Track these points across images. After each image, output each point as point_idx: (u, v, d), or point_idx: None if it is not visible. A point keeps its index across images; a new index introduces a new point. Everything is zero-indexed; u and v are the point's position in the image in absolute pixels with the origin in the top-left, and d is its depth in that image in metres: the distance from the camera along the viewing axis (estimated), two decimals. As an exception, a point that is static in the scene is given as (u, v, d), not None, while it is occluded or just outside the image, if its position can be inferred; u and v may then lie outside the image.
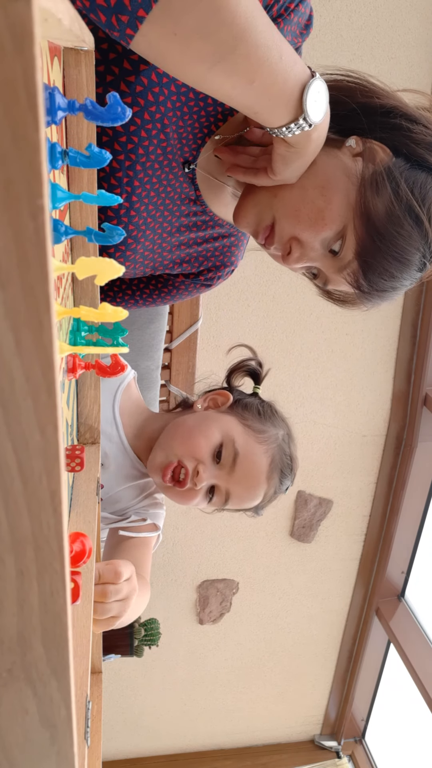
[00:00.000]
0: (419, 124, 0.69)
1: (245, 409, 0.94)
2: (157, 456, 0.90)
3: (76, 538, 0.50)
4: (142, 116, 0.68)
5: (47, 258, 0.19)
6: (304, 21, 0.69)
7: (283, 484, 0.94)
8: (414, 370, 2.18)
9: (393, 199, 0.68)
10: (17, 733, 0.30)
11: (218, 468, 0.88)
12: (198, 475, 0.86)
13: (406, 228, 0.68)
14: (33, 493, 0.23)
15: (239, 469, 0.88)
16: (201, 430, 0.88)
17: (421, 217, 0.68)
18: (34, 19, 0.17)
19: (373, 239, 0.69)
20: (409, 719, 2.61)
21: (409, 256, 0.70)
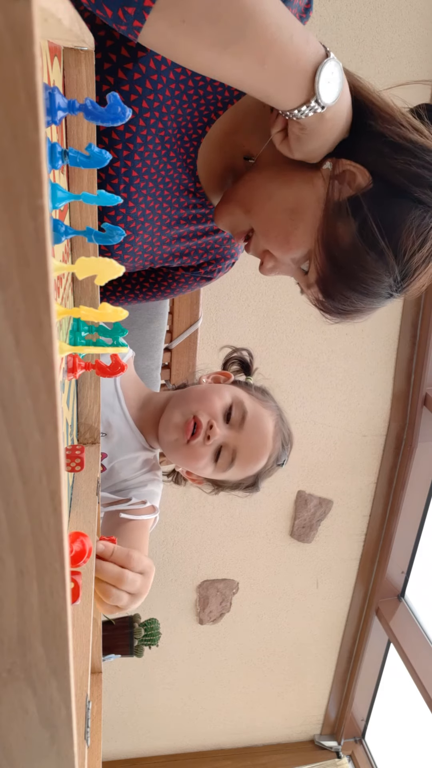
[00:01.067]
0: (405, 153, 0.64)
1: (245, 386, 1.01)
2: (173, 415, 0.94)
3: (76, 537, 0.50)
4: (140, 104, 0.67)
5: (47, 258, 0.19)
6: (304, 4, 0.68)
7: (283, 453, 0.99)
8: (414, 370, 2.18)
9: (358, 230, 0.66)
10: (17, 733, 0.30)
11: (228, 427, 0.92)
12: (212, 429, 0.90)
13: (369, 262, 0.66)
14: (33, 493, 0.23)
15: (248, 427, 0.92)
16: (213, 391, 0.94)
17: (385, 252, 0.66)
18: (34, 20, 0.17)
19: (333, 270, 0.69)
20: (409, 719, 2.61)
21: (373, 288, 0.68)
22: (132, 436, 0.99)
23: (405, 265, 0.67)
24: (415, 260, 0.66)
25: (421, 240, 0.65)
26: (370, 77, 1.99)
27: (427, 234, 0.65)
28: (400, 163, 0.64)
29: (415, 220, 0.65)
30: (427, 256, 0.67)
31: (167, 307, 1.28)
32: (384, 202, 0.66)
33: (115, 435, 0.98)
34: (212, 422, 0.90)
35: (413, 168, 0.63)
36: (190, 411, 0.92)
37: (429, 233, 0.65)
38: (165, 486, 1.08)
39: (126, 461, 1.00)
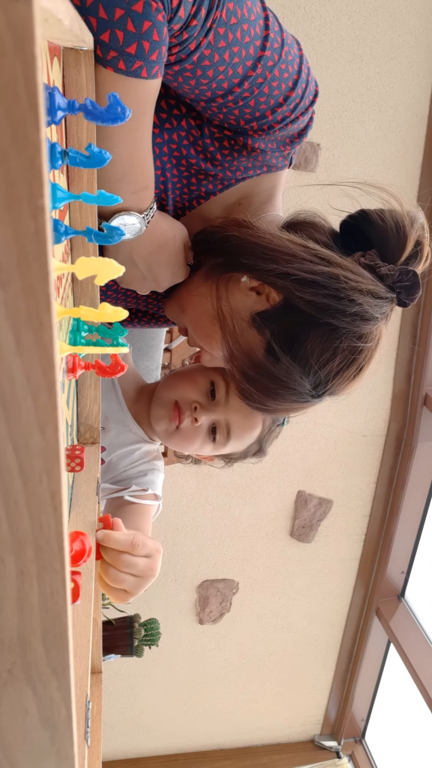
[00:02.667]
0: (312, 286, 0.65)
1: None
2: (157, 405, 0.95)
3: (76, 537, 0.50)
4: None
5: (47, 258, 0.19)
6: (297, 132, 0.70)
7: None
8: (414, 370, 2.18)
9: (266, 343, 0.69)
10: (17, 733, 0.30)
11: (214, 404, 0.92)
12: (196, 411, 0.91)
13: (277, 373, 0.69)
14: (33, 493, 0.23)
15: (233, 398, 0.92)
16: (190, 373, 0.94)
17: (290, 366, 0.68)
18: (35, 19, 0.17)
19: (245, 379, 0.72)
20: (409, 719, 2.61)
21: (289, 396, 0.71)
22: (130, 429, 1.00)
23: (314, 377, 0.69)
24: (324, 374, 0.69)
25: (327, 356, 0.68)
26: (370, 77, 2.00)
27: (334, 350, 0.68)
28: (308, 295, 0.65)
29: (320, 338, 0.67)
30: (339, 370, 0.69)
31: (167, 307, 1.28)
32: (289, 320, 0.68)
33: (112, 428, 0.99)
34: (195, 404, 0.91)
35: (321, 299, 0.65)
36: (171, 398, 0.93)
37: (336, 350, 0.68)
38: (165, 486, 1.08)
39: (124, 453, 1.00)
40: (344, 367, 0.70)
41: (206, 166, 0.71)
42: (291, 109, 0.65)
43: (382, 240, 0.68)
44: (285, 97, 0.64)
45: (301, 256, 0.66)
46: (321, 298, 0.65)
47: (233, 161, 0.71)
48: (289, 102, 0.64)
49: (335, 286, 0.64)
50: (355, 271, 0.65)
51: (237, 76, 0.60)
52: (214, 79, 0.59)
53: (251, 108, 0.63)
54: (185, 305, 0.79)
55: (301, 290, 0.65)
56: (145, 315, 0.99)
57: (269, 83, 0.62)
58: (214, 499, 2.28)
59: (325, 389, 0.72)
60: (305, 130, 0.70)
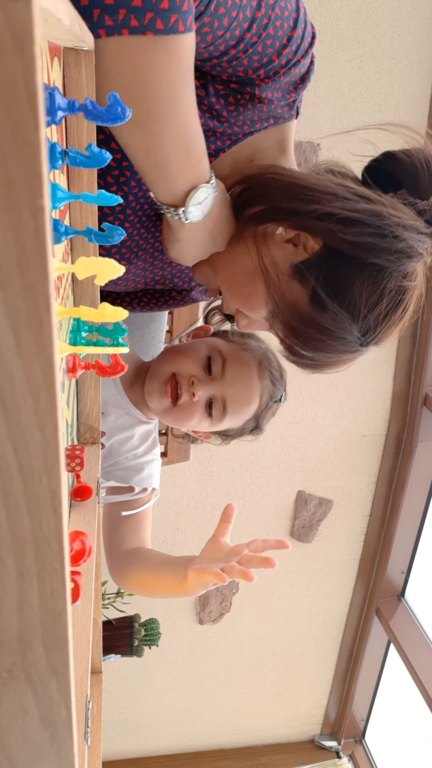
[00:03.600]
0: (355, 225, 0.64)
1: (225, 333, 1.01)
2: (152, 382, 0.95)
3: (76, 536, 0.50)
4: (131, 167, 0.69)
5: (47, 258, 0.19)
6: (299, 76, 0.69)
7: (276, 389, 0.98)
8: (414, 370, 2.18)
9: (310, 294, 0.67)
10: (17, 733, 0.30)
11: (211, 379, 0.92)
12: (194, 385, 0.91)
13: (324, 323, 0.67)
14: (33, 493, 0.23)
15: (229, 372, 0.93)
16: (187, 347, 0.95)
17: (339, 313, 0.66)
18: (35, 19, 0.17)
19: (292, 332, 0.70)
20: (409, 719, 2.61)
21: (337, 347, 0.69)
22: (127, 412, 1.00)
23: (363, 323, 0.67)
24: (373, 318, 0.67)
25: (375, 299, 0.66)
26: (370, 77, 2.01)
27: (381, 292, 0.66)
28: (352, 235, 0.64)
29: (367, 281, 0.65)
30: (387, 312, 0.67)
31: (167, 307, 1.28)
32: (333, 265, 0.66)
33: (111, 413, 0.99)
34: (193, 378, 0.91)
35: (366, 238, 0.63)
36: (167, 371, 0.93)
37: (383, 291, 0.66)
38: (165, 486, 1.08)
39: (124, 438, 1.01)
40: (392, 309, 0.67)
41: (213, 124, 0.69)
42: (294, 50, 0.64)
43: (412, 177, 0.67)
44: (288, 37, 0.62)
45: (343, 195, 0.64)
46: (366, 237, 0.63)
47: (239, 116, 0.69)
48: (292, 42, 0.63)
49: (379, 224, 0.62)
50: (396, 206, 0.64)
51: (246, 19, 0.58)
52: (228, 29, 0.57)
53: (259, 54, 0.61)
54: (218, 266, 0.76)
55: (345, 231, 0.63)
56: (145, 295, 0.98)
57: (273, 23, 0.60)
58: (214, 499, 2.28)
59: (374, 336, 0.69)
60: (307, 74, 0.69)
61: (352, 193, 0.65)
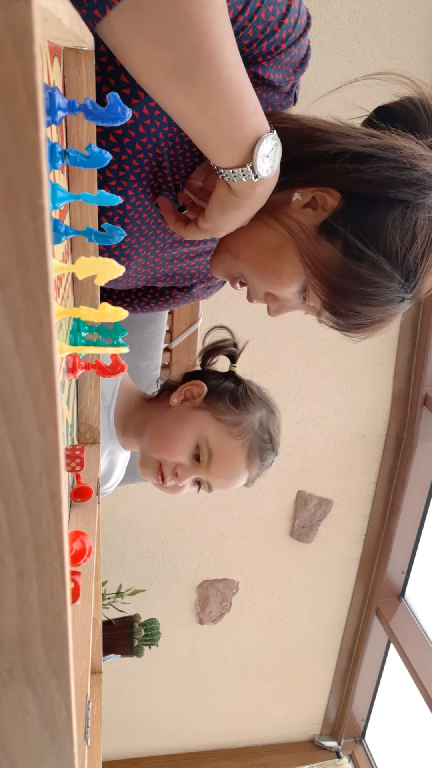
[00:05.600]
0: (370, 160, 0.63)
1: (219, 398, 0.94)
2: (143, 468, 0.96)
3: (76, 537, 0.50)
4: (133, 146, 0.68)
5: (47, 258, 0.19)
6: (299, 59, 0.68)
7: (265, 463, 0.97)
8: (414, 370, 2.18)
9: (343, 249, 0.66)
10: (17, 733, 0.30)
11: (198, 465, 0.92)
12: (178, 476, 0.91)
13: (365, 275, 0.66)
14: (33, 493, 0.23)
15: (215, 466, 0.92)
16: (176, 435, 0.92)
17: (377, 260, 0.65)
18: (34, 19, 0.17)
19: (333, 292, 0.68)
20: (409, 719, 2.61)
21: (381, 297, 0.67)
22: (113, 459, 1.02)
23: (403, 266, 0.66)
24: (412, 258, 0.65)
25: (410, 237, 0.64)
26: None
27: (413, 229, 0.64)
28: (369, 172, 0.63)
29: (397, 220, 0.64)
30: (424, 249, 0.66)
31: (167, 307, 1.28)
32: (360, 213, 0.65)
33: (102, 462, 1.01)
34: (177, 470, 0.91)
35: (383, 172, 0.62)
36: (155, 460, 0.93)
37: (416, 227, 0.64)
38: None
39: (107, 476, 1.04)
40: (428, 245, 0.65)
41: None
42: (293, 24, 0.63)
43: (410, 122, 0.66)
44: (287, 6, 0.61)
45: (354, 134, 0.64)
46: (383, 171, 0.62)
47: None
48: (290, 13, 0.62)
49: (393, 156, 0.62)
50: (407, 138, 0.63)
51: None
52: None
53: (263, 22, 0.60)
54: (238, 251, 0.74)
55: (361, 168, 0.63)
56: (145, 294, 0.97)
57: None
58: (214, 499, 2.28)
59: (416, 278, 0.67)
60: (305, 58, 0.69)
61: (362, 132, 0.64)
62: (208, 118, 0.54)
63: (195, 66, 0.50)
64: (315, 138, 0.65)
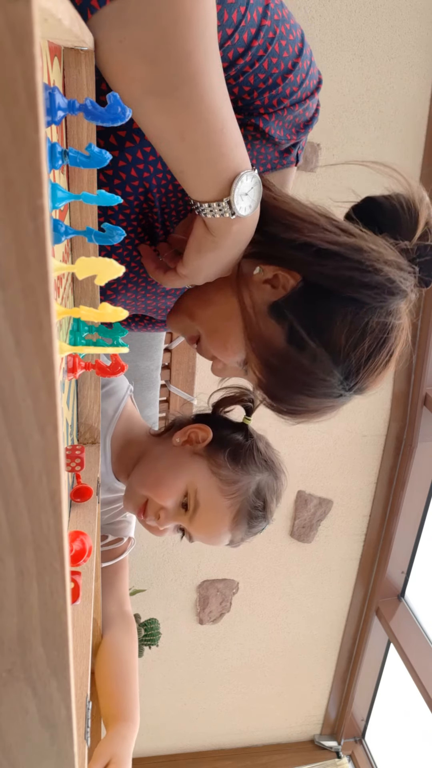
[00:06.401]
0: (333, 257, 0.62)
1: (221, 449, 0.90)
2: (128, 500, 0.92)
3: (76, 536, 0.50)
4: (123, 189, 0.67)
5: (47, 258, 0.19)
6: (304, 120, 0.67)
7: (253, 530, 0.93)
8: (414, 370, 2.18)
9: (287, 333, 0.65)
10: (17, 733, 0.30)
11: (182, 514, 0.88)
12: (159, 519, 0.88)
13: (304, 364, 0.65)
14: (33, 493, 0.23)
15: (198, 520, 0.88)
16: (168, 478, 0.88)
17: (318, 353, 0.64)
18: (34, 19, 0.17)
19: (271, 374, 0.68)
20: (409, 719, 2.61)
21: (319, 390, 0.66)
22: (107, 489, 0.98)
23: (344, 363, 0.65)
24: (356, 358, 0.64)
25: (357, 337, 0.63)
26: (370, 77, 2.00)
27: (363, 329, 0.63)
28: (329, 268, 0.62)
29: (347, 317, 0.63)
30: (371, 352, 0.64)
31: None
32: (313, 302, 0.64)
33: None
34: (160, 513, 0.87)
35: (343, 272, 0.61)
36: (141, 496, 0.89)
37: (366, 329, 0.63)
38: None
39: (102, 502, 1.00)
40: (375, 349, 0.64)
41: None
42: (298, 83, 0.62)
43: (393, 221, 0.65)
44: (293, 63, 0.61)
45: (324, 226, 0.63)
46: (344, 271, 0.61)
47: None
48: (296, 71, 0.61)
49: (358, 257, 0.61)
50: (378, 242, 0.62)
51: (254, 24, 0.56)
52: (237, 28, 0.55)
53: (265, 72, 0.60)
54: (194, 312, 0.75)
55: (323, 263, 0.62)
56: (143, 319, 0.96)
57: (278, 40, 0.59)
58: (214, 499, 2.28)
59: (357, 379, 0.66)
60: (311, 120, 0.68)
61: (333, 226, 0.63)
62: (185, 143, 0.52)
63: (175, 85, 0.48)
64: (286, 222, 0.64)
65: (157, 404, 1.37)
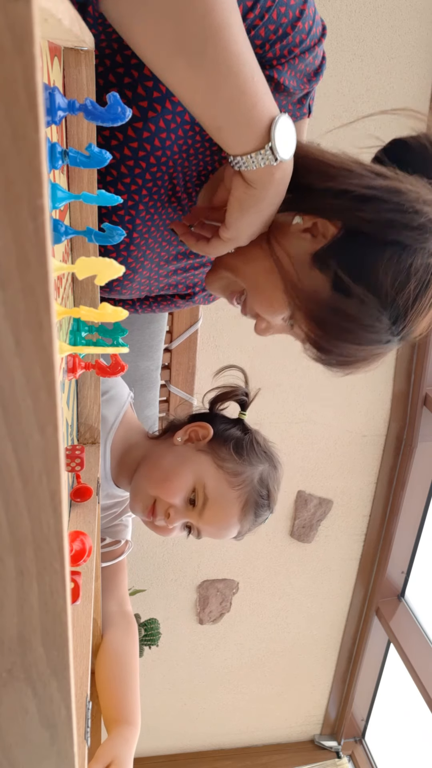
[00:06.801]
0: (372, 201, 0.61)
1: (224, 444, 0.91)
2: (135, 501, 0.92)
3: (76, 536, 0.50)
4: (148, 160, 0.67)
5: (47, 258, 0.19)
6: (313, 69, 0.67)
7: (259, 520, 0.94)
8: (414, 370, 2.18)
9: (333, 281, 0.64)
10: (17, 733, 0.30)
11: (191, 510, 0.89)
12: (169, 517, 0.88)
13: (352, 311, 0.64)
14: (33, 493, 0.23)
15: (208, 513, 0.89)
16: (174, 474, 0.88)
17: (365, 298, 0.63)
18: (34, 19, 0.17)
19: (318, 325, 0.67)
20: (409, 719, 2.61)
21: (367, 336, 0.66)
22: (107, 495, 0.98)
23: (392, 307, 0.64)
24: (402, 301, 0.64)
25: (403, 279, 0.63)
26: (370, 77, 2.00)
27: (408, 271, 0.63)
28: (369, 213, 0.61)
29: (392, 260, 0.62)
30: (417, 294, 0.64)
31: (167, 307, 1.28)
32: (356, 248, 0.64)
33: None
34: (169, 511, 0.88)
35: (384, 215, 0.61)
36: (149, 496, 0.89)
37: (410, 270, 0.63)
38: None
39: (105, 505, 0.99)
40: (421, 290, 0.63)
41: None
42: (307, 30, 0.62)
43: (425, 160, 0.64)
44: (300, 10, 0.61)
45: (358, 171, 0.62)
46: (384, 214, 0.61)
47: None
48: (304, 19, 0.61)
49: (397, 199, 0.60)
50: (414, 183, 0.62)
51: None
52: None
53: (275, 23, 0.60)
54: (236, 268, 0.73)
55: (362, 208, 0.61)
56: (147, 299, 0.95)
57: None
58: (214, 499, 2.28)
59: (404, 323, 0.65)
60: (320, 68, 0.68)
61: (367, 170, 0.63)
62: (220, 99, 0.53)
63: (202, 40, 0.49)
64: (320, 172, 0.64)
65: (157, 404, 1.37)
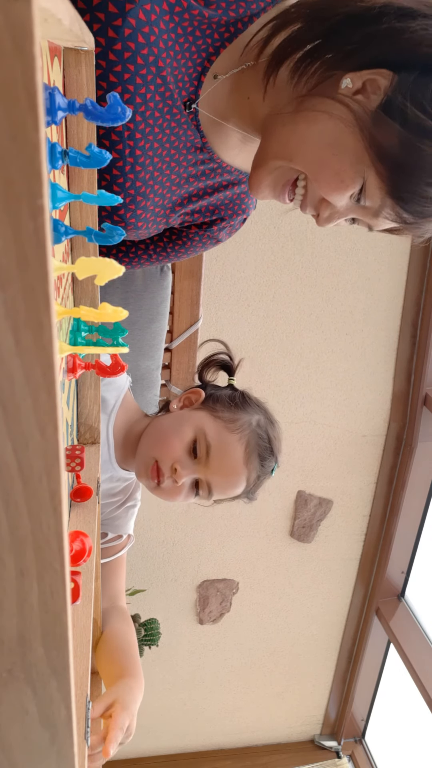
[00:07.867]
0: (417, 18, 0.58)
1: (216, 402, 0.95)
2: (139, 466, 0.94)
3: (76, 536, 0.50)
4: (135, 61, 0.64)
5: (47, 258, 0.19)
6: None
7: (265, 466, 0.95)
8: (414, 370, 2.18)
9: (403, 127, 0.60)
10: (17, 733, 0.30)
11: (196, 462, 0.90)
12: (176, 473, 0.89)
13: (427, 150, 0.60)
14: (33, 493, 0.23)
15: (213, 460, 0.90)
16: (173, 430, 0.91)
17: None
18: (34, 19, 0.17)
19: (398, 174, 0.63)
20: (409, 719, 2.61)
21: None
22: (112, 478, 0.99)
23: None
24: None
25: None
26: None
27: None
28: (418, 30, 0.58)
29: None
30: None
31: (168, 307, 1.28)
32: (417, 83, 0.60)
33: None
34: (175, 465, 0.89)
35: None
36: (151, 457, 0.91)
37: None
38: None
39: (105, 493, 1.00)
40: None
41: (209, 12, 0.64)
42: None
43: None
44: None
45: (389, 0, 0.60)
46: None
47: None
48: None
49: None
50: None
51: None
52: None
53: None
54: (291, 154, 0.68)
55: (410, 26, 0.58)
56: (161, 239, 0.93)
57: None
58: (214, 499, 2.28)
59: None
60: None
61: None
62: None
63: None
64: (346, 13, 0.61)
65: (157, 403, 1.37)
